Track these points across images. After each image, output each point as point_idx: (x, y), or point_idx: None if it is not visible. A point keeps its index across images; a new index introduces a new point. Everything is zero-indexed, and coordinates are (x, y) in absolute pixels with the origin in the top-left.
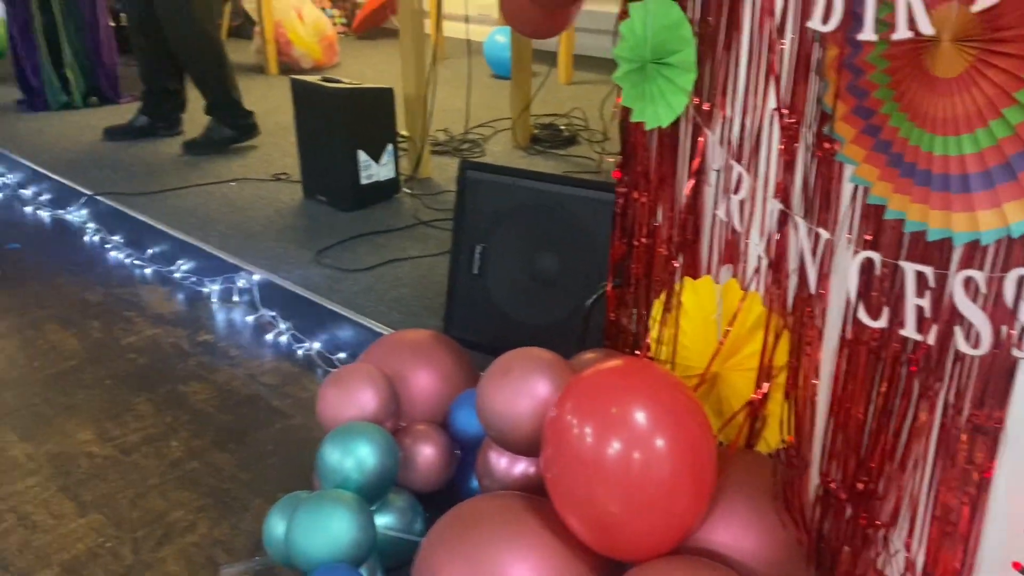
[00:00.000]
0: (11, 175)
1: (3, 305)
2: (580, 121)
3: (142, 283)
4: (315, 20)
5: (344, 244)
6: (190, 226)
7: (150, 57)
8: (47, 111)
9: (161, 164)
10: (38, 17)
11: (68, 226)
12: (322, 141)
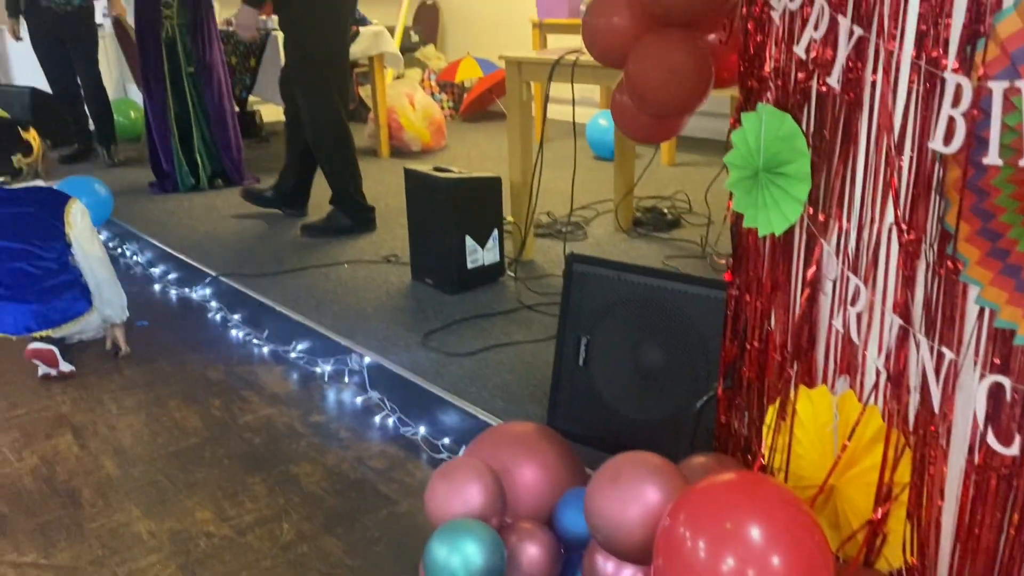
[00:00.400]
0: (142, 254)
1: (133, 381)
2: (684, 204)
3: (259, 362)
4: (426, 106)
5: (450, 328)
6: (306, 307)
7: (297, 148)
8: (176, 193)
9: (281, 245)
10: (173, 106)
11: (192, 304)
12: (432, 227)
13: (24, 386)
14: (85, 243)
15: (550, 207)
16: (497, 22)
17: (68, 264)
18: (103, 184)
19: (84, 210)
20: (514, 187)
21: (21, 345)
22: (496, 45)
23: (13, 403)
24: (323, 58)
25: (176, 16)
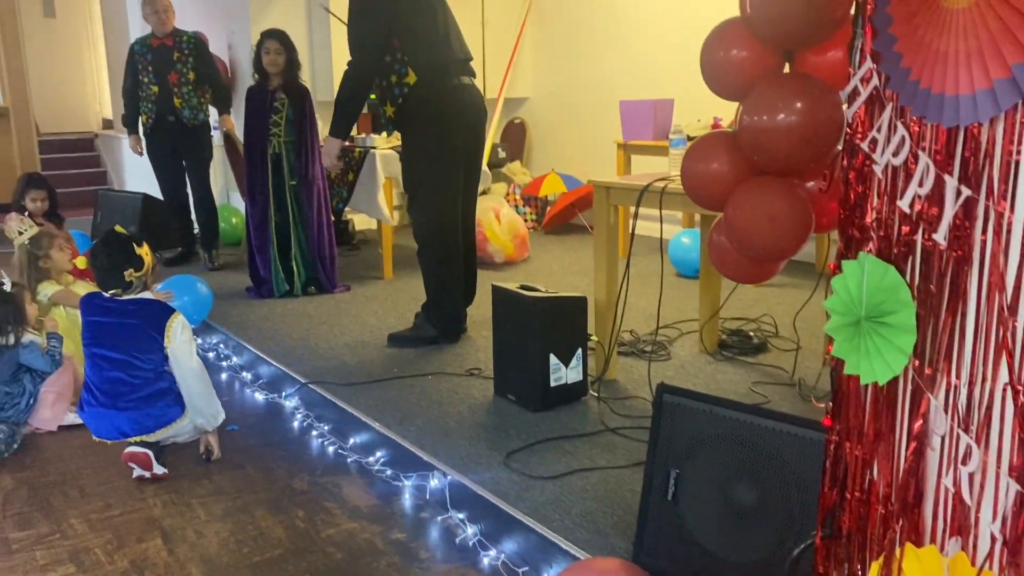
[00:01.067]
0: (236, 358)
1: (221, 487)
2: (770, 327)
3: (343, 473)
4: (511, 220)
5: (532, 448)
6: (390, 419)
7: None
8: (271, 298)
9: (368, 354)
10: (274, 216)
11: (281, 410)
12: (517, 344)
13: (119, 487)
14: (182, 357)
15: (633, 324)
16: (582, 141)
17: (164, 372)
18: (205, 283)
19: (185, 324)
20: (599, 306)
21: (118, 448)
22: (580, 162)
23: (108, 503)
24: (433, 181)
25: (283, 134)
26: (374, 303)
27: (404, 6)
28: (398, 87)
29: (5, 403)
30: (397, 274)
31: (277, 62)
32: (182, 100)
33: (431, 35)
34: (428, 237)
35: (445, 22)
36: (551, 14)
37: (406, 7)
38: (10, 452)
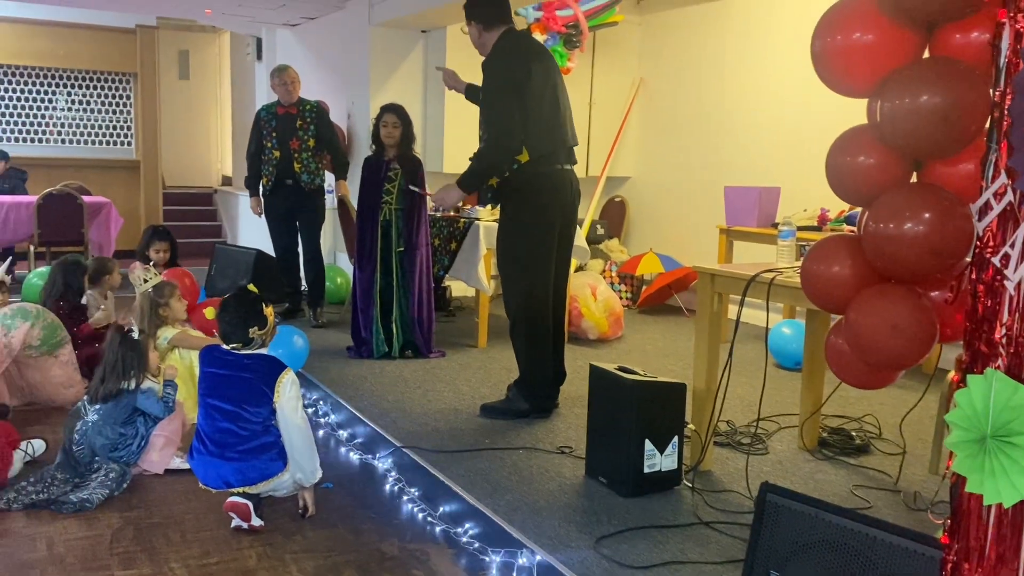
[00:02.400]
0: (334, 415)
1: (314, 544)
2: (873, 428)
3: (432, 541)
4: (607, 298)
5: (623, 534)
6: (481, 490)
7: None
8: (370, 359)
9: (460, 422)
10: (379, 280)
11: (374, 472)
12: (612, 426)
13: (217, 535)
14: (289, 412)
15: (729, 414)
16: (682, 222)
17: (271, 426)
18: (303, 336)
19: (294, 381)
20: (697, 394)
21: (218, 496)
22: (679, 244)
23: (207, 551)
24: (527, 257)
25: (395, 202)
26: (467, 371)
27: (533, 93)
28: (512, 159)
29: (119, 444)
30: (491, 343)
31: (394, 135)
32: (301, 165)
33: (550, 121)
34: (520, 314)
35: (563, 110)
36: (659, 97)
37: (534, 94)
38: (120, 491)
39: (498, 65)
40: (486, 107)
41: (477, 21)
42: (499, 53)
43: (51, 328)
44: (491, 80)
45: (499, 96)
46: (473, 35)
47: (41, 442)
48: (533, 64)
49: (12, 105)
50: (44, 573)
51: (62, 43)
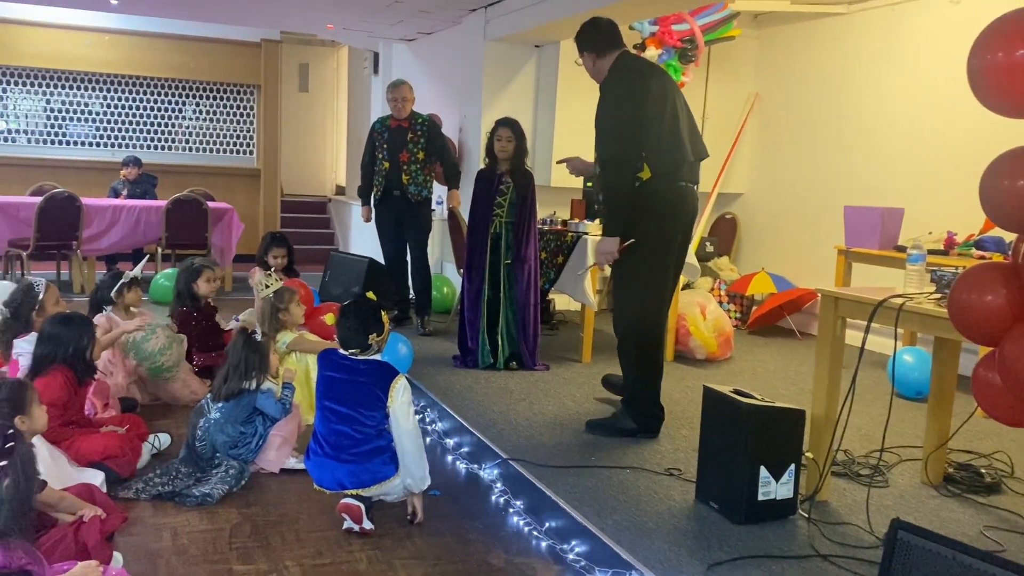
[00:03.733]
0: (440, 423)
1: (422, 552)
2: (1004, 466)
3: (538, 555)
4: (717, 317)
5: (736, 563)
6: (588, 508)
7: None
8: (475, 369)
9: (566, 438)
10: (487, 292)
11: (479, 482)
12: (725, 450)
13: (329, 536)
14: (401, 417)
15: (846, 443)
16: (796, 242)
17: (384, 431)
18: (407, 343)
19: (406, 387)
20: (815, 421)
21: (330, 497)
22: (793, 264)
23: (319, 551)
24: (644, 274)
25: (506, 215)
26: (572, 386)
27: (651, 111)
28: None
29: (239, 441)
30: (596, 359)
31: (507, 149)
32: (409, 177)
33: (671, 139)
34: (631, 331)
35: (684, 127)
36: (774, 112)
37: (653, 112)
38: (238, 487)
39: (614, 87)
40: (602, 128)
41: (590, 51)
42: (615, 75)
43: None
44: (608, 101)
45: (616, 116)
46: (587, 65)
47: (167, 436)
48: (651, 82)
49: (145, 114)
50: (169, 563)
51: (192, 56)
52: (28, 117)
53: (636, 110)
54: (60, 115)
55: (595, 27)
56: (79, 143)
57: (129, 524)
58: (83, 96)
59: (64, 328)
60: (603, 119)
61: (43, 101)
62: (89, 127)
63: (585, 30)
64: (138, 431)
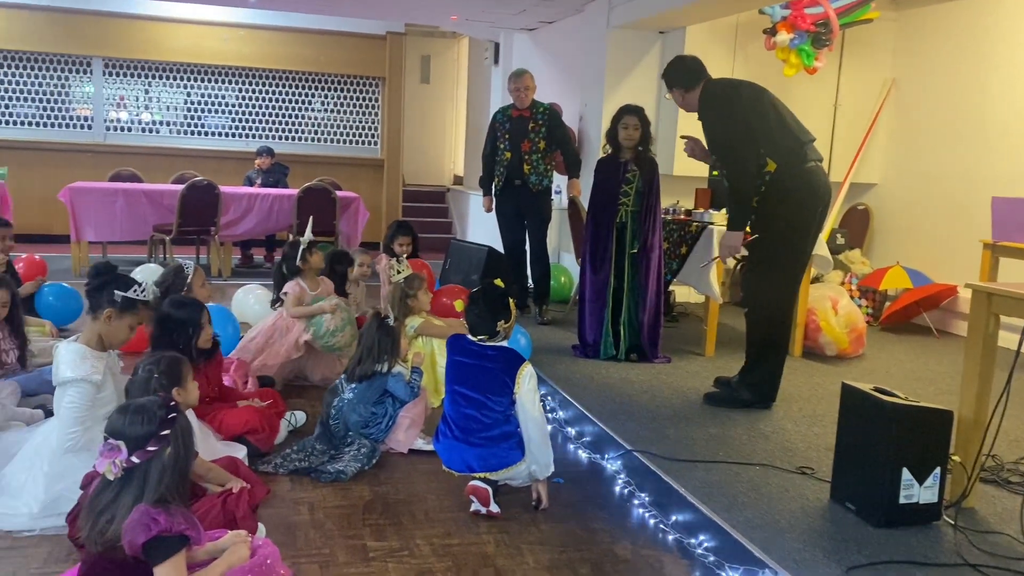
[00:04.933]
0: (561, 412)
1: (548, 538)
2: None
3: (664, 549)
4: (849, 312)
5: (876, 567)
6: (717, 503)
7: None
8: (595, 360)
9: (691, 430)
10: (613, 283)
11: (602, 472)
12: (865, 450)
13: (457, 518)
14: (527, 404)
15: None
16: (935, 235)
17: (511, 416)
18: (526, 334)
19: (532, 374)
20: (963, 423)
21: (458, 480)
22: (930, 258)
23: (448, 531)
24: (782, 259)
25: (631, 204)
26: (695, 379)
27: (752, 114)
28: (759, 178)
29: (370, 421)
30: (719, 353)
31: (634, 136)
32: (530, 167)
33: (781, 126)
34: (763, 313)
35: (788, 115)
36: (912, 99)
37: (755, 114)
38: (369, 465)
39: (712, 108)
40: (718, 150)
41: (678, 86)
42: (707, 102)
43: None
44: (712, 124)
45: (725, 134)
46: (677, 99)
47: (303, 414)
48: (740, 91)
49: (276, 106)
50: (307, 535)
51: (321, 50)
52: (170, 109)
53: (739, 119)
54: (199, 107)
55: (682, 63)
56: (216, 134)
57: (269, 497)
58: (220, 89)
59: (176, 310)
60: (715, 142)
61: (184, 94)
62: (225, 118)
63: (673, 67)
64: (276, 408)
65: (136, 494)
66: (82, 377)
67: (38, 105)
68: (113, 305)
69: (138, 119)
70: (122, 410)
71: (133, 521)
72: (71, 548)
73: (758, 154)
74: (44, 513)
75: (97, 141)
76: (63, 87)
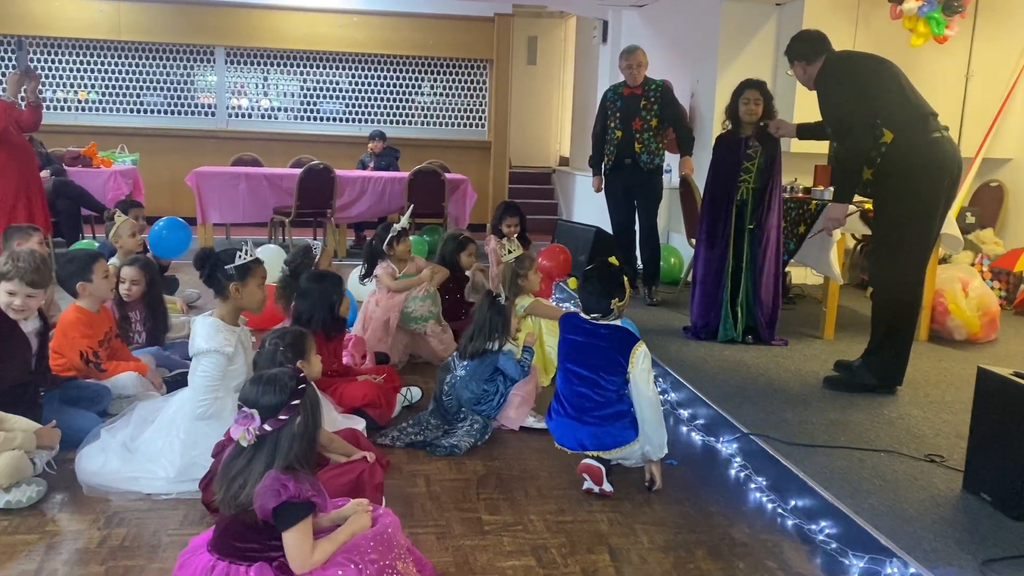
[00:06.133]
0: (673, 394)
1: (663, 519)
2: None
3: (783, 534)
4: (982, 295)
5: (1019, 560)
6: (839, 489)
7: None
8: (708, 342)
9: (809, 415)
10: (731, 262)
11: (716, 455)
12: (1004, 439)
13: (570, 495)
14: (641, 383)
15: None
16: None
17: (624, 396)
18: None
19: (647, 354)
20: None
21: (570, 458)
22: None
23: (561, 509)
24: (910, 235)
25: (753, 181)
26: (814, 362)
27: (872, 84)
28: (875, 149)
29: (482, 398)
30: (839, 336)
31: (755, 111)
32: (642, 146)
33: (900, 95)
34: (887, 291)
35: (908, 86)
36: None
37: (874, 84)
38: (482, 441)
39: (829, 79)
40: (833, 122)
41: (800, 59)
42: (828, 75)
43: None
44: (827, 95)
45: (840, 106)
46: (799, 74)
47: (417, 390)
48: (858, 64)
49: (387, 90)
50: (424, 507)
51: (430, 33)
52: (287, 96)
53: (855, 91)
54: (314, 93)
55: (806, 35)
56: (330, 119)
57: (387, 469)
58: (333, 75)
59: (318, 284)
60: (829, 114)
61: (299, 80)
62: (339, 104)
63: (796, 39)
64: (392, 383)
65: (267, 461)
66: (215, 348)
67: (165, 94)
68: (231, 279)
69: (257, 106)
70: (255, 380)
71: (264, 486)
72: (204, 512)
73: (874, 127)
74: (179, 478)
75: (220, 128)
76: (188, 76)
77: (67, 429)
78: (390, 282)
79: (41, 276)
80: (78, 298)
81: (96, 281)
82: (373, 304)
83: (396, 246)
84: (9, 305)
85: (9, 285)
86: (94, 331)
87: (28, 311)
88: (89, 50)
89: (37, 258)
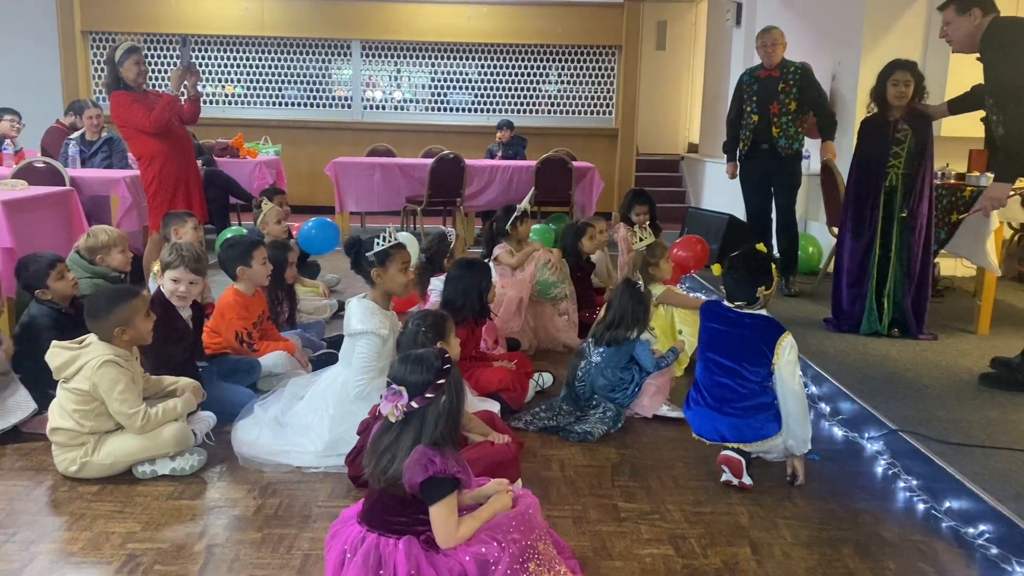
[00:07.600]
0: (815, 387)
1: (806, 515)
2: None
3: (937, 536)
4: None
5: None
6: (1002, 493)
7: None
8: (852, 335)
9: (963, 413)
10: (878, 252)
11: (860, 451)
12: None
13: (707, 486)
14: (786, 375)
15: None
16: None
17: (768, 388)
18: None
19: (793, 345)
20: None
21: (707, 449)
22: None
23: (699, 500)
24: None
25: (903, 166)
26: (967, 358)
27: None
28: None
29: (617, 386)
30: (995, 331)
31: (906, 94)
32: (780, 130)
33: None
34: None
35: None
36: None
37: None
38: (615, 429)
39: (999, 46)
40: (998, 94)
41: (978, 6)
42: (995, 36)
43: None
44: (995, 62)
45: (1010, 76)
46: (947, 18)
47: (549, 375)
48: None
49: (515, 79)
50: (560, 491)
51: (558, 21)
52: (418, 87)
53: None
54: (444, 84)
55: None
56: (459, 109)
57: (522, 452)
58: (462, 66)
59: (467, 271)
60: (996, 85)
61: (430, 72)
62: (468, 94)
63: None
64: (525, 369)
65: (415, 436)
66: (371, 330)
67: (304, 87)
68: (372, 264)
69: (391, 97)
70: (403, 359)
71: (412, 461)
72: (350, 486)
73: None
74: (327, 452)
75: (356, 119)
76: (325, 70)
77: (225, 403)
78: (509, 259)
79: (201, 264)
80: (236, 281)
81: (255, 266)
82: (500, 288)
83: (518, 227)
84: (174, 292)
85: (174, 273)
86: (249, 313)
87: (190, 297)
88: (235, 46)
89: (196, 248)
